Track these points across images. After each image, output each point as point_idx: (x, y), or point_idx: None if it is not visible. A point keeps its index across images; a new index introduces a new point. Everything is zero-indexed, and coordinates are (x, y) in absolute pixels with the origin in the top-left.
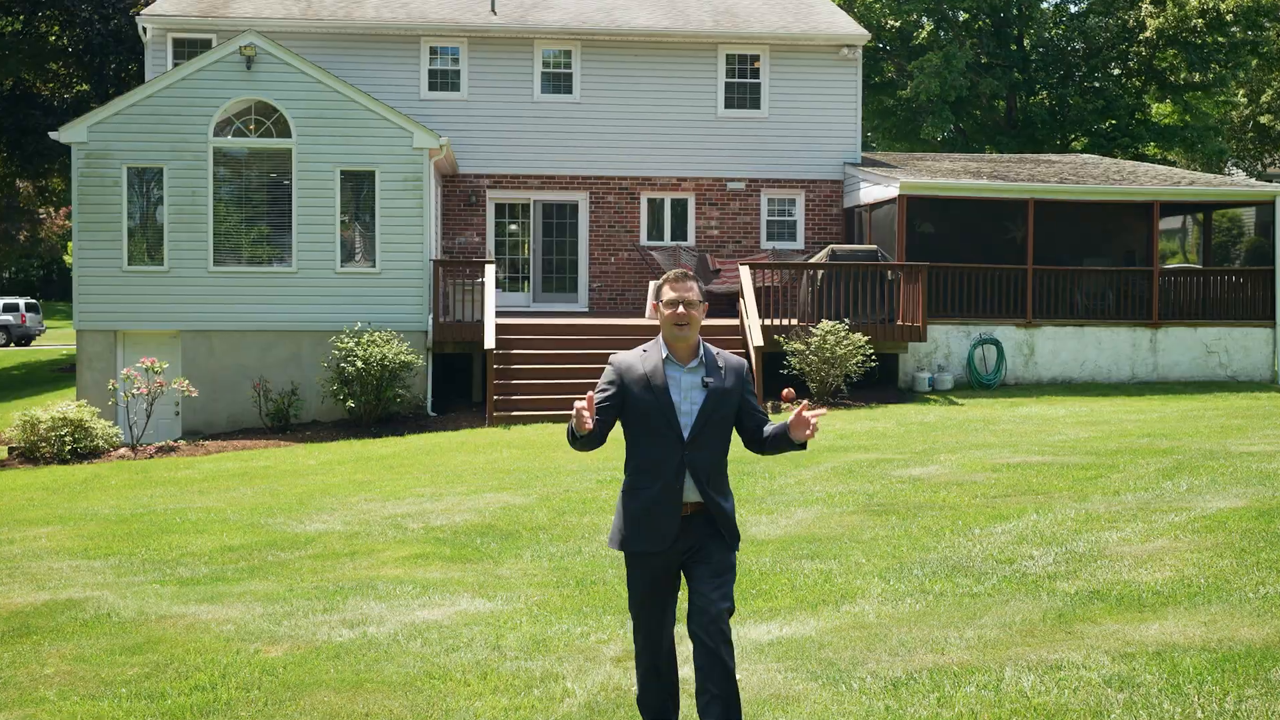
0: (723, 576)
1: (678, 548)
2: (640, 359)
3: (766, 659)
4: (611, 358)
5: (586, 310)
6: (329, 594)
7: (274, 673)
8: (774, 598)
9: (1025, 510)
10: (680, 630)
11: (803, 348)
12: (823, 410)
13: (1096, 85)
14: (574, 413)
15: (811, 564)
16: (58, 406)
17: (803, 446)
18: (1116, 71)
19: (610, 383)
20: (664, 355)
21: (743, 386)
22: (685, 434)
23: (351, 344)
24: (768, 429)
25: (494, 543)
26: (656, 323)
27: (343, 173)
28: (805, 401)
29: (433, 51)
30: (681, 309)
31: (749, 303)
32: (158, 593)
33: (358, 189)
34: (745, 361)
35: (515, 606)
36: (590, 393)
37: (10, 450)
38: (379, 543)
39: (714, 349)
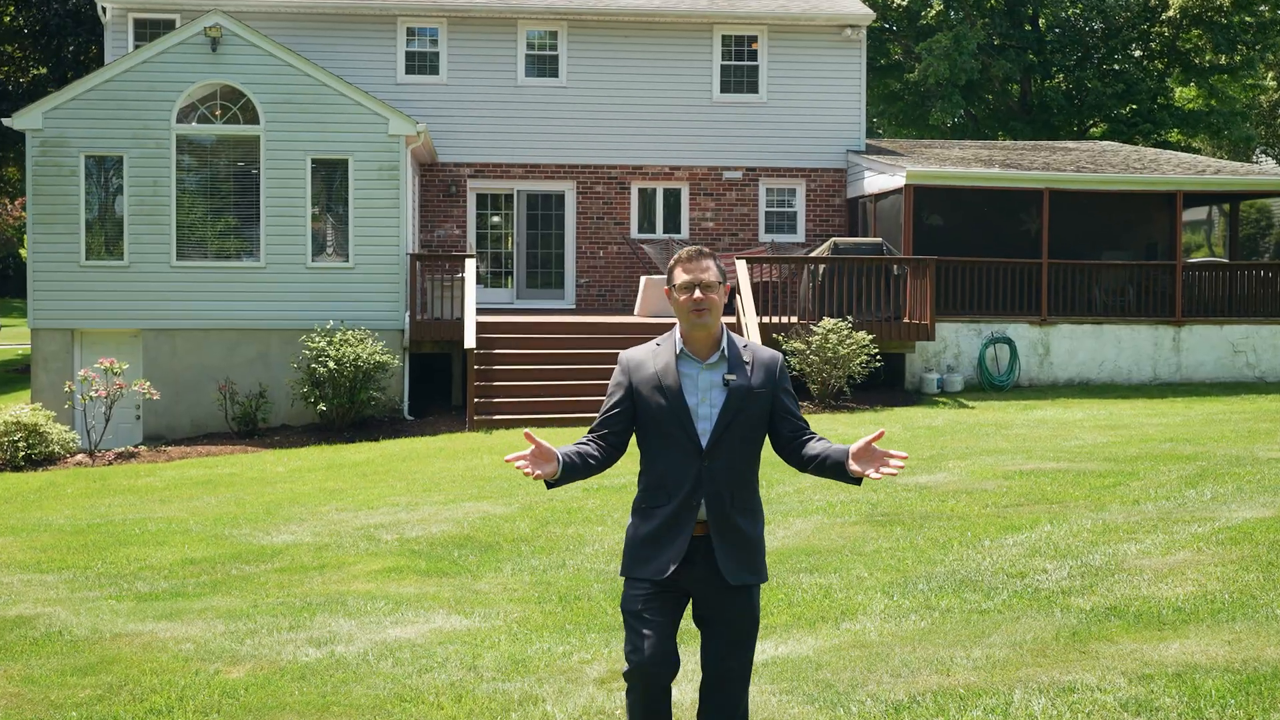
0: (742, 642)
1: (689, 575)
2: (652, 355)
3: (760, 680)
4: (621, 354)
5: (573, 307)
6: (295, 610)
7: (235, 695)
8: (769, 614)
9: (1038, 520)
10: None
11: (803, 347)
12: (903, 457)
13: (1116, 68)
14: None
15: (810, 578)
16: (11, 410)
17: (857, 483)
18: (1138, 53)
19: (618, 384)
20: (678, 350)
21: (775, 385)
22: (703, 442)
23: (323, 343)
24: (815, 447)
25: (472, 555)
26: (649, 320)
27: (314, 161)
28: (881, 431)
29: (410, 33)
30: (698, 293)
31: (746, 299)
32: (113, 609)
33: (330, 178)
34: (779, 355)
35: (493, 624)
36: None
37: None
38: (350, 555)
39: (741, 340)
